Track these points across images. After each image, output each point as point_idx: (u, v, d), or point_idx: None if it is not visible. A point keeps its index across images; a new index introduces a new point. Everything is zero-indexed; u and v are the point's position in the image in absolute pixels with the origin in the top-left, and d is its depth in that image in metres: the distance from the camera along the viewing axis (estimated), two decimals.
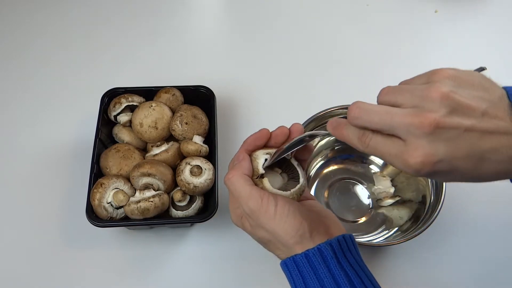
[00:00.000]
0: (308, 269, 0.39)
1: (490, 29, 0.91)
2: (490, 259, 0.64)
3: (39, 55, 0.83)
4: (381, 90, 0.35)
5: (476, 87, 0.32)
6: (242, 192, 0.41)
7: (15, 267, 0.61)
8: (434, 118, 0.30)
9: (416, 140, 0.31)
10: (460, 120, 0.30)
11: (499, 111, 0.31)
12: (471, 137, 0.31)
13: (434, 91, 0.31)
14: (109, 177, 0.59)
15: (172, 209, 0.60)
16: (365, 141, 0.34)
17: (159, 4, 0.92)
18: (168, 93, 0.67)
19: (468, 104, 0.31)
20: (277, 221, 0.40)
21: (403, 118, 0.31)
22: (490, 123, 0.31)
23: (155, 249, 0.63)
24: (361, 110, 0.34)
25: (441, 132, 0.30)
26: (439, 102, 0.31)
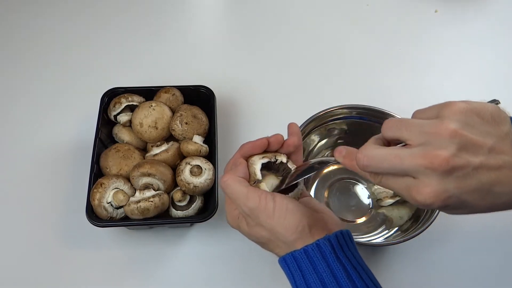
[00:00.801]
0: (307, 265, 0.39)
1: (490, 29, 0.91)
2: (490, 259, 0.64)
3: (39, 55, 0.83)
4: (385, 123, 0.35)
5: (485, 121, 0.32)
6: (239, 194, 0.41)
7: (15, 267, 0.61)
8: (444, 157, 0.30)
9: (427, 178, 0.31)
10: (469, 158, 0.31)
11: (505, 146, 0.32)
12: (479, 173, 0.31)
13: (443, 128, 0.31)
14: (109, 177, 0.59)
15: (172, 209, 0.60)
16: (377, 177, 0.35)
17: (160, 4, 0.92)
18: (168, 93, 0.67)
19: (476, 140, 0.31)
20: (276, 218, 0.40)
21: (413, 160, 0.31)
22: (496, 159, 0.32)
23: (155, 249, 0.63)
24: (369, 158, 0.34)
25: (452, 171, 0.31)
26: (448, 140, 0.31)
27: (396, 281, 0.62)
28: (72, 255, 0.62)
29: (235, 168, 0.43)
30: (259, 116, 0.76)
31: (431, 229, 0.57)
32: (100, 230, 0.62)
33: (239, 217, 0.44)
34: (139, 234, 0.64)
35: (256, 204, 0.40)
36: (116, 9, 0.90)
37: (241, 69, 0.83)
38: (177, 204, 0.61)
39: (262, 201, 0.40)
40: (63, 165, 0.69)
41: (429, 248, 0.64)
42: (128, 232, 0.64)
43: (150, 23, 0.89)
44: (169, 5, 0.92)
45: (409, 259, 0.63)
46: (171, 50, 0.85)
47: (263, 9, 0.93)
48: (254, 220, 0.42)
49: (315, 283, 0.39)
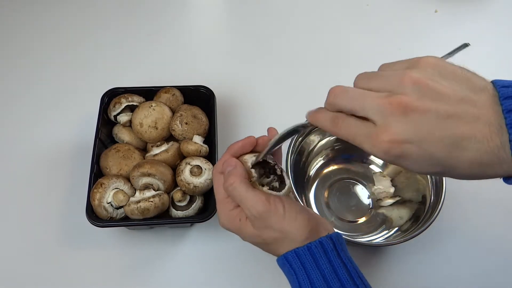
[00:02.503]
0: (310, 261, 0.40)
1: (490, 29, 0.91)
2: (490, 259, 0.64)
3: (39, 55, 0.83)
4: (358, 74, 0.36)
5: (457, 77, 0.31)
6: (248, 197, 0.41)
7: (15, 267, 0.61)
8: (404, 100, 0.30)
9: (386, 121, 0.31)
10: (431, 104, 0.30)
11: (479, 100, 0.30)
12: (444, 122, 0.30)
13: (408, 77, 0.31)
14: (109, 177, 0.59)
15: (172, 209, 0.60)
16: (338, 124, 0.35)
17: (159, 4, 0.92)
18: (168, 93, 0.67)
19: (443, 91, 0.30)
20: (287, 220, 0.41)
21: (375, 100, 0.32)
22: (467, 109, 0.30)
23: (155, 249, 0.63)
24: (337, 93, 0.35)
25: (411, 115, 0.30)
26: (411, 87, 0.31)
27: (396, 281, 0.62)
28: (72, 255, 0.62)
29: (235, 169, 0.42)
30: (259, 116, 0.76)
31: (431, 229, 0.57)
32: (100, 230, 0.62)
33: (240, 218, 0.43)
34: (139, 234, 0.64)
35: (266, 208, 0.40)
36: (116, 9, 0.90)
37: (241, 69, 0.83)
38: (177, 204, 0.61)
39: (272, 205, 0.41)
40: (63, 165, 0.69)
41: (429, 248, 0.64)
42: (128, 232, 0.64)
43: (150, 23, 0.89)
44: (169, 5, 0.92)
45: (409, 259, 0.63)
46: (171, 50, 0.85)
47: (263, 9, 0.93)
48: (263, 222, 0.41)
49: (317, 278, 0.40)
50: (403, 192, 0.66)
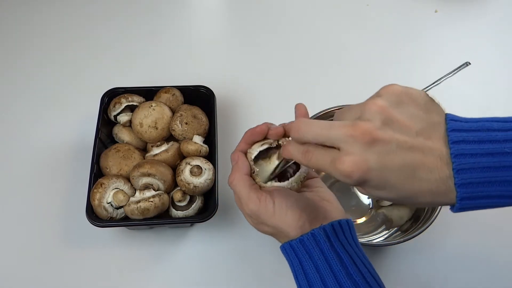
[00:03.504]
0: (303, 253, 0.41)
1: (490, 29, 0.91)
2: (490, 259, 0.64)
3: (39, 55, 0.83)
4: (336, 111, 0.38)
5: (418, 106, 0.34)
6: (242, 195, 0.43)
7: (15, 267, 0.61)
8: (367, 127, 0.32)
9: (350, 148, 0.32)
10: (393, 134, 0.32)
11: (434, 134, 0.32)
12: (403, 152, 0.32)
13: (372, 104, 0.33)
14: (109, 177, 0.59)
15: (172, 209, 0.60)
16: (307, 156, 0.36)
17: (160, 4, 0.92)
18: (168, 93, 0.67)
19: (403, 121, 0.32)
20: (277, 217, 0.42)
21: (339, 128, 0.33)
22: (423, 142, 0.32)
23: (155, 249, 0.63)
24: (303, 125, 0.36)
25: (374, 143, 0.32)
26: (374, 114, 0.32)
27: (396, 281, 0.62)
28: (72, 255, 0.62)
29: (236, 165, 0.44)
30: (259, 116, 0.76)
31: (431, 229, 0.57)
32: (100, 230, 0.62)
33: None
34: (139, 234, 0.64)
35: (257, 206, 0.42)
36: (116, 9, 0.90)
37: (241, 69, 0.83)
38: (177, 204, 0.61)
39: (262, 203, 0.42)
40: (63, 165, 0.69)
41: (429, 248, 0.64)
42: (128, 232, 0.64)
43: (150, 23, 0.89)
44: (169, 5, 0.91)
45: (409, 259, 0.63)
46: (171, 50, 0.85)
47: (263, 9, 0.93)
48: (256, 219, 0.44)
49: (311, 270, 0.40)
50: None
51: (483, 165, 0.31)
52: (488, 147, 0.31)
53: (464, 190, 0.31)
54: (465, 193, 0.32)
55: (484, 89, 0.82)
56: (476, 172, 0.31)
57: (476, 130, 0.32)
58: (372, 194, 0.35)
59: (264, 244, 0.63)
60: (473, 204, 0.33)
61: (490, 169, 0.31)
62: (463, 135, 0.32)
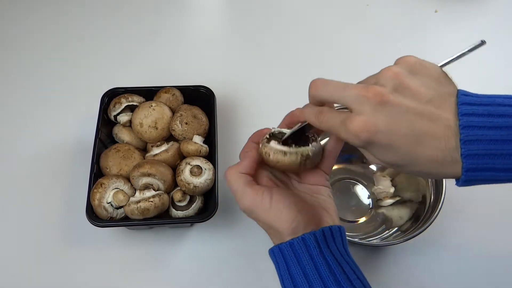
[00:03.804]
0: (292, 257, 0.41)
1: (490, 29, 0.91)
2: (490, 259, 0.64)
3: (39, 55, 0.83)
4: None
5: (431, 77, 0.35)
6: (237, 190, 0.42)
7: (15, 267, 0.61)
8: (379, 91, 0.33)
9: (360, 108, 0.34)
10: (403, 100, 0.33)
11: (444, 104, 0.33)
12: (411, 118, 0.33)
13: (387, 70, 0.35)
14: (109, 177, 0.59)
15: (172, 209, 0.60)
16: (320, 117, 0.38)
17: (159, 4, 0.92)
18: (168, 93, 0.67)
19: (415, 88, 0.34)
20: (272, 213, 0.41)
21: (353, 89, 0.35)
22: (432, 110, 0.33)
23: (155, 249, 0.63)
24: (318, 85, 0.38)
25: (384, 106, 0.33)
26: (387, 79, 0.34)
27: (395, 281, 0.62)
28: (72, 255, 0.62)
29: (240, 162, 0.44)
30: (259, 116, 0.76)
31: (431, 229, 0.57)
32: (100, 230, 0.62)
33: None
34: (139, 234, 0.64)
35: (252, 202, 0.41)
36: (116, 9, 0.90)
37: (241, 69, 0.83)
38: (177, 204, 0.61)
39: (258, 197, 0.41)
40: (63, 165, 0.69)
41: (429, 248, 0.64)
42: (128, 232, 0.64)
43: (150, 23, 0.89)
44: (169, 5, 0.92)
45: (409, 259, 0.63)
46: (171, 50, 0.85)
47: (263, 9, 0.93)
48: (251, 215, 0.43)
49: (298, 274, 0.40)
50: (403, 192, 0.66)
51: (490, 138, 0.32)
52: (497, 120, 0.32)
53: (470, 161, 0.32)
54: (471, 164, 0.32)
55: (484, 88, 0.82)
56: (483, 144, 0.32)
57: (487, 105, 0.33)
58: (377, 157, 0.36)
59: (264, 244, 0.63)
60: (478, 177, 0.33)
61: (497, 142, 0.32)
62: (473, 108, 0.32)
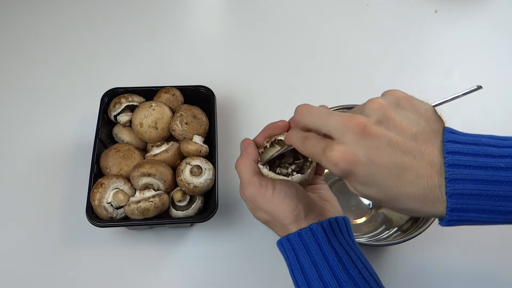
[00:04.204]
0: (300, 247, 0.41)
1: (490, 29, 0.91)
2: (490, 259, 0.64)
3: (39, 55, 0.83)
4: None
5: (418, 113, 0.34)
6: (245, 179, 0.44)
7: (15, 267, 0.61)
8: (362, 121, 0.33)
9: (342, 137, 0.33)
10: (386, 132, 0.33)
11: (429, 141, 0.33)
12: (393, 151, 0.32)
13: (373, 101, 0.34)
14: (109, 177, 0.59)
15: (172, 209, 0.60)
16: (305, 143, 0.38)
17: (159, 4, 0.92)
18: (168, 93, 0.67)
19: (399, 121, 0.33)
20: (274, 202, 0.43)
21: (337, 117, 0.34)
22: (415, 146, 0.32)
23: (155, 249, 0.63)
24: (303, 112, 0.38)
25: (366, 136, 0.32)
26: (372, 111, 0.34)
27: (396, 281, 0.62)
28: (72, 255, 0.62)
29: (245, 151, 0.45)
30: (259, 116, 0.76)
31: (431, 229, 0.57)
32: (100, 230, 0.62)
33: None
34: (139, 234, 0.64)
35: (256, 191, 0.43)
36: (116, 9, 0.90)
37: (241, 69, 0.83)
38: (177, 204, 0.61)
39: (262, 188, 0.43)
40: (63, 165, 0.69)
41: (429, 248, 0.64)
42: (128, 232, 0.64)
43: (150, 23, 0.89)
44: (169, 5, 0.92)
45: (409, 259, 0.63)
46: (171, 50, 0.85)
47: (263, 9, 0.93)
48: (254, 204, 0.44)
49: (307, 264, 0.41)
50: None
51: (476, 177, 0.31)
52: (482, 160, 0.31)
53: (455, 200, 0.31)
54: (456, 204, 0.31)
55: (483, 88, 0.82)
56: (469, 183, 0.31)
57: (473, 144, 0.32)
58: (358, 190, 0.35)
59: (264, 244, 0.64)
60: (462, 217, 0.32)
61: (483, 182, 0.31)
62: (459, 147, 0.32)
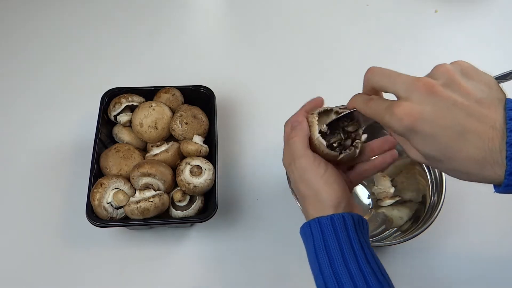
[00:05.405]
0: (330, 230, 0.42)
1: (490, 29, 0.91)
2: (490, 259, 0.64)
3: (39, 55, 0.83)
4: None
5: (482, 82, 0.35)
6: (298, 152, 0.45)
7: (15, 267, 0.61)
8: (429, 81, 0.34)
9: (409, 95, 0.35)
10: (452, 94, 0.34)
11: (492, 106, 0.33)
12: (458, 112, 0.33)
13: (440, 66, 0.36)
14: (109, 177, 0.59)
15: (172, 209, 0.60)
16: (368, 103, 0.40)
17: (159, 4, 0.92)
18: (168, 93, 0.67)
19: (465, 86, 0.34)
20: (323, 182, 0.44)
21: (406, 77, 0.36)
22: (480, 109, 0.33)
23: (155, 249, 0.63)
24: (374, 71, 0.39)
25: (432, 96, 0.34)
26: (440, 74, 0.35)
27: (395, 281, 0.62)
28: (72, 255, 0.62)
29: (300, 126, 0.46)
30: (259, 116, 0.76)
31: (431, 229, 0.57)
32: (100, 230, 0.62)
33: (291, 165, 0.46)
34: (139, 234, 0.64)
35: (309, 164, 0.44)
36: (117, 9, 0.90)
37: (241, 69, 0.83)
38: (177, 204, 0.61)
39: (315, 163, 0.44)
40: (63, 165, 0.69)
41: (429, 248, 0.64)
42: (128, 232, 0.64)
43: (150, 23, 0.89)
44: (169, 5, 0.92)
45: (409, 259, 0.63)
46: (171, 50, 0.85)
47: (263, 9, 0.93)
48: (301, 175, 0.45)
49: (334, 247, 0.42)
50: (403, 192, 0.66)
51: None
52: None
53: None
54: None
55: None
56: None
57: None
58: (417, 146, 0.36)
59: (264, 244, 0.64)
60: None
61: None
62: None
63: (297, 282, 0.60)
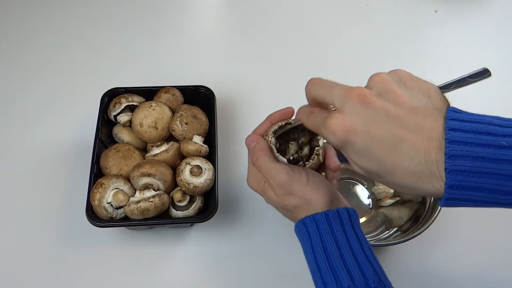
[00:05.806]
0: (325, 227, 0.42)
1: (490, 29, 0.91)
2: (490, 259, 0.64)
3: (39, 55, 0.83)
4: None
5: (420, 91, 0.34)
6: (272, 168, 0.43)
7: (15, 267, 0.61)
8: (363, 91, 0.33)
9: (342, 107, 0.34)
10: (386, 104, 0.32)
11: (429, 116, 0.32)
12: (391, 123, 0.32)
13: (375, 75, 0.35)
14: (109, 177, 0.59)
15: (172, 209, 0.60)
16: (310, 117, 0.39)
17: (159, 4, 0.92)
18: (168, 93, 0.67)
19: (400, 95, 0.33)
20: (309, 188, 0.43)
21: (340, 88, 0.35)
22: (415, 119, 0.32)
23: (155, 249, 0.63)
24: (314, 82, 0.39)
25: (365, 106, 0.33)
26: (374, 83, 0.34)
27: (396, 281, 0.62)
28: (72, 255, 0.62)
29: (258, 145, 0.45)
30: (259, 116, 0.75)
31: (431, 229, 0.57)
32: (100, 230, 0.62)
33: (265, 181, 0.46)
34: (139, 234, 0.64)
35: (289, 178, 0.43)
36: (116, 9, 0.90)
37: (241, 69, 0.83)
38: (177, 204, 0.61)
39: (295, 174, 0.43)
40: (63, 165, 0.69)
41: (429, 248, 0.64)
42: (128, 232, 0.64)
43: (150, 23, 0.89)
44: (169, 5, 0.91)
45: (409, 259, 0.63)
46: (171, 50, 0.85)
47: (263, 9, 0.93)
48: (285, 190, 0.44)
49: (330, 243, 0.41)
50: (403, 192, 0.66)
51: (476, 155, 0.30)
52: (485, 138, 0.30)
53: (454, 177, 0.30)
54: (455, 180, 0.30)
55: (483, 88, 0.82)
56: (468, 160, 0.30)
57: (476, 122, 0.31)
58: (355, 162, 0.35)
59: (264, 244, 0.64)
60: (462, 195, 0.31)
61: (484, 160, 0.30)
62: (462, 124, 0.31)
63: (297, 282, 0.60)
